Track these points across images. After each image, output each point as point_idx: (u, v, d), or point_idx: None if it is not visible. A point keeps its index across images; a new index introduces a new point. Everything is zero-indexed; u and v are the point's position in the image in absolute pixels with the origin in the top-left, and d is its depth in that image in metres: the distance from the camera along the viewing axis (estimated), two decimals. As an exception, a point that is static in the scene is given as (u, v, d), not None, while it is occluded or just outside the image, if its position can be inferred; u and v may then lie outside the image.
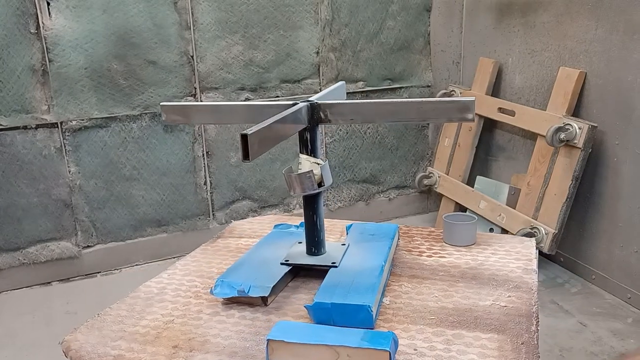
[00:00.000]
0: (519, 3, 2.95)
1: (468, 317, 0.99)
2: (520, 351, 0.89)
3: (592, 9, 2.52)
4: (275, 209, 3.27)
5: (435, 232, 1.40)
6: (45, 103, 2.66)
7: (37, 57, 2.59)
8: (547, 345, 2.24)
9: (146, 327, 1.01)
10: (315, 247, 1.16)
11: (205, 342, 0.95)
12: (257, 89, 3.04)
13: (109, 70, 2.73)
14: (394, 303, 1.05)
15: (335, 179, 3.32)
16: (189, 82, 2.90)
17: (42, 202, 2.75)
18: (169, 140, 2.93)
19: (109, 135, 2.81)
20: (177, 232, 3.06)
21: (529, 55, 2.92)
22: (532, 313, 1.00)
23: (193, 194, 3.04)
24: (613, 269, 2.58)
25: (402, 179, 3.55)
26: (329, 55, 3.15)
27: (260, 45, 2.99)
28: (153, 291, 1.15)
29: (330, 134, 3.29)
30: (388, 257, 1.16)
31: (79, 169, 2.79)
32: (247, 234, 1.46)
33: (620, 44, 2.41)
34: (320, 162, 1.06)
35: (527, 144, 2.99)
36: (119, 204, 2.91)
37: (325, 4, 3.06)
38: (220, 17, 2.87)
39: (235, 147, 3.07)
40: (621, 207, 2.50)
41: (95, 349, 0.95)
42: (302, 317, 1.02)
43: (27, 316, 2.59)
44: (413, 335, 0.94)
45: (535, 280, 1.12)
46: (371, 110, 1.11)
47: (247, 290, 1.04)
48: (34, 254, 2.79)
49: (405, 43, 3.31)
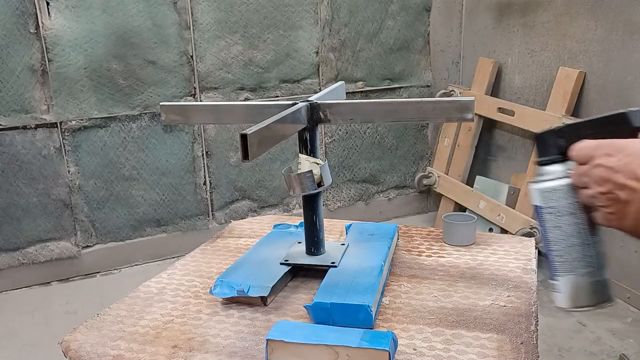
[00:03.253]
0: (518, 3, 2.95)
1: (467, 317, 0.99)
2: (520, 351, 0.89)
3: (592, 9, 2.52)
4: (275, 208, 3.27)
5: (434, 232, 1.40)
6: (44, 103, 2.66)
7: (37, 57, 2.59)
8: (547, 345, 2.24)
9: (145, 327, 1.01)
10: (315, 247, 1.16)
11: (205, 342, 0.95)
12: (256, 88, 3.04)
13: (108, 70, 2.73)
14: (393, 303, 1.05)
15: (335, 178, 3.33)
16: (188, 82, 2.90)
17: (41, 202, 2.75)
18: (169, 140, 2.93)
19: (108, 135, 2.81)
20: (177, 232, 3.06)
21: (528, 55, 2.92)
22: (532, 313, 1.00)
23: (192, 194, 3.04)
24: (612, 268, 2.57)
25: (402, 179, 3.55)
26: (329, 55, 3.15)
27: (259, 45, 2.99)
28: (152, 291, 1.15)
29: (330, 134, 3.29)
30: (387, 257, 1.16)
31: (78, 169, 2.79)
32: (246, 234, 1.46)
33: (620, 44, 2.41)
34: (320, 162, 1.06)
35: (527, 144, 2.99)
36: (119, 203, 2.91)
37: (325, 4, 3.06)
38: (220, 17, 2.87)
39: (235, 147, 3.07)
40: (620, 207, 2.50)
41: (95, 349, 0.95)
42: (302, 317, 1.02)
43: (27, 316, 2.59)
44: (412, 335, 0.94)
45: (535, 280, 1.12)
46: (370, 110, 1.11)
47: (246, 290, 1.04)
48: (34, 254, 2.79)
49: (404, 43, 3.31)
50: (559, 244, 0.75)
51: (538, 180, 0.76)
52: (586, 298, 0.76)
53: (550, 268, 0.78)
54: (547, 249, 0.77)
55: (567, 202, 0.74)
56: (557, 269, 0.76)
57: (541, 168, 0.77)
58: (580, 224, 0.74)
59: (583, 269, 0.75)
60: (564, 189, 0.74)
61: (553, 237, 0.75)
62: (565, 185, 0.74)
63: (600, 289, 0.76)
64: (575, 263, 0.75)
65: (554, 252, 0.76)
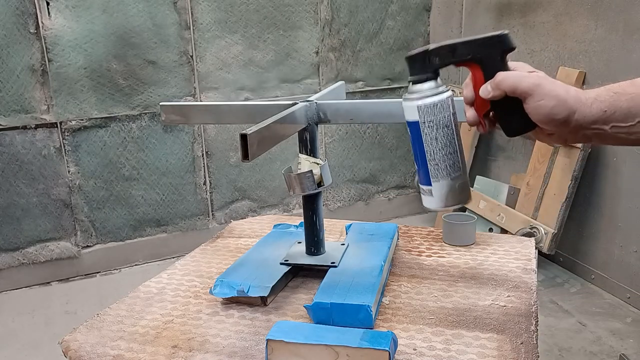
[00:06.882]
0: (518, 3, 2.95)
1: (467, 317, 0.99)
2: (520, 351, 0.89)
3: (592, 9, 2.52)
4: (275, 208, 3.26)
5: (434, 232, 1.40)
6: (44, 103, 2.66)
7: (37, 57, 2.59)
8: (547, 345, 2.24)
9: (145, 327, 1.01)
10: (315, 247, 1.16)
11: (205, 342, 0.95)
12: (256, 89, 3.04)
13: (108, 70, 2.73)
14: (393, 303, 1.05)
15: (335, 178, 3.33)
16: (188, 82, 2.90)
17: (41, 202, 2.75)
18: (169, 140, 2.93)
19: (108, 135, 2.81)
20: (177, 232, 3.06)
21: (528, 55, 2.92)
22: (532, 313, 1.00)
23: (192, 194, 3.04)
24: (612, 268, 2.58)
25: (402, 179, 3.55)
26: (329, 55, 3.15)
27: (259, 45, 2.99)
28: (152, 291, 1.15)
29: (330, 134, 3.29)
30: (387, 256, 1.16)
31: (78, 169, 2.79)
32: (246, 233, 1.46)
33: (620, 44, 2.41)
34: (320, 161, 1.06)
35: (527, 144, 2.99)
36: (119, 203, 2.91)
37: (325, 4, 3.06)
38: (220, 17, 2.87)
39: (235, 147, 3.07)
40: (621, 207, 2.50)
41: (95, 349, 0.95)
42: (302, 317, 1.02)
43: (27, 316, 2.59)
44: (412, 335, 0.94)
45: (535, 280, 1.12)
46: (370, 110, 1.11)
47: (246, 290, 1.04)
48: (34, 254, 2.79)
49: (404, 43, 3.31)
50: (436, 153, 0.82)
51: (414, 98, 0.82)
52: (455, 198, 0.84)
53: (421, 175, 0.85)
54: (420, 159, 0.84)
55: (445, 115, 0.81)
56: (432, 175, 0.83)
57: (415, 86, 0.82)
58: (454, 134, 0.82)
59: (455, 172, 0.83)
60: (444, 103, 0.80)
61: (429, 148, 0.82)
62: (444, 99, 0.80)
63: (465, 189, 0.85)
64: (449, 169, 0.82)
65: (430, 161, 0.83)
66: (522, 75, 0.76)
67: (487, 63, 0.80)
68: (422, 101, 0.80)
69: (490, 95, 0.79)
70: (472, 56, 0.80)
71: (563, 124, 0.74)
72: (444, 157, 0.82)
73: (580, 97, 0.74)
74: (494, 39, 0.79)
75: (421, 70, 0.82)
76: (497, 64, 0.79)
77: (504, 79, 0.77)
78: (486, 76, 0.80)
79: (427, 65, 0.81)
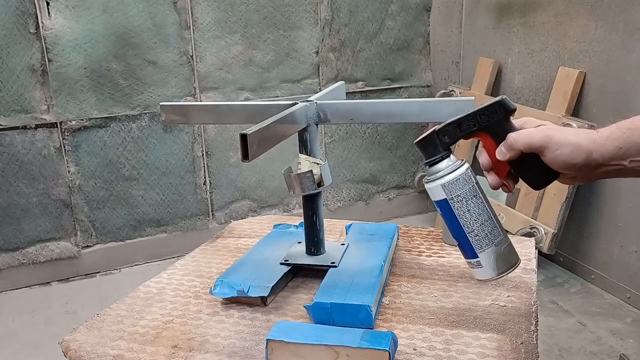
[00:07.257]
0: (518, 3, 2.95)
1: (467, 317, 0.99)
2: (520, 351, 0.89)
3: (592, 9, 2.52)
4: (275, 208, 3.27)
5: (434, 232, 1.40)
6: (44, 103, 2.66)
7: (37, 57, 2.59)
8: (547, 345, 2.24)
9: (145, 327, 1.01)
10: (315, 247, 1.16)
11: (205, 342, 0.95)
12: (256, 88, 3.04)
13: (108, 70, 2.73)
14: (393, 303, 1.05)
15: (335, 178, 3.33)
16: (188, 82, 2.90)
17: (41, 202, 2.75)
18: (169, 140, 2.93)
19: (108, 135, 2.81)
20: (177, 232, 3.06)
21: (528, 55, 2.92)
22: (532, 313, 1.00)
23: (192, 194, 3.04)
24: (612, 268, 2.58)
25: (402, 179, 3.55)
26: (329, 55, 3.15)
27: (259, 45, 2.99)
28: (152, 291, 1.15)
29: (330, 134, 3.29)
30: (387, 256, 1.16)
31: (78, 169, 2.79)
32: (246, 233, 1.46)
33: (620, 43, 2.41)
34: (320, 161, 1.06)
35: (527, 144, 2.99)
36: (119, 203, 2.91)
37: (325, 4, 3.06)
38: (220, 17, 2.87)
39: (235, 147, 3.07)
40: (620, 207, 2.50)
41: (95, 349, 0.95)
42: (302, 317, 1.02)
43: (27, 316, 2.59)
44: (412, 335, 0.94)
45: (535, 280, 1.12)
46: (370, 110, 1.11)
47: (246, 290, 1.04)
48: (34, 254, 2.79)
49: (404, 43, 3.31)
50: (473, 224, 0.83)
51: (436, 178, 0.84)
52: (505, 263, 0.85)
53: (465, 250, 0.86)
54: (460, 235, 0.85)
55: (470, 185, 0.83)
56: (475, 247, 0.84)
57: (433, 167, 0.85)
58: (483, 202, 0.84)
59: (496, 238, 0.84)
60: (465, 175, 0.84)
61: (465, 221, 0.84)
62: (464, 173, 0.84)
63: (512, 252, 0.86)
64: (490, 236, 0.84)
65: (470, 233, 0.84)
66: (531, 132, 0.79)
67: (495, 129, 0.83)
68: (445, 179, 0.84)
69: (507, 157, 0.81)
70: (478, 127, 0.83)
71: (583, 167, 0.77)
72: (482, 226, 0.83)
73: (593, 137, 0.77)
74: (494, 106, 0.82)
75: (435, 151, 0.85)
76: (504, 127, 0.82)
77: (515, 140, 0.79)
78: (497, 141, 0.83)
79: (439, 145, 0.85)
